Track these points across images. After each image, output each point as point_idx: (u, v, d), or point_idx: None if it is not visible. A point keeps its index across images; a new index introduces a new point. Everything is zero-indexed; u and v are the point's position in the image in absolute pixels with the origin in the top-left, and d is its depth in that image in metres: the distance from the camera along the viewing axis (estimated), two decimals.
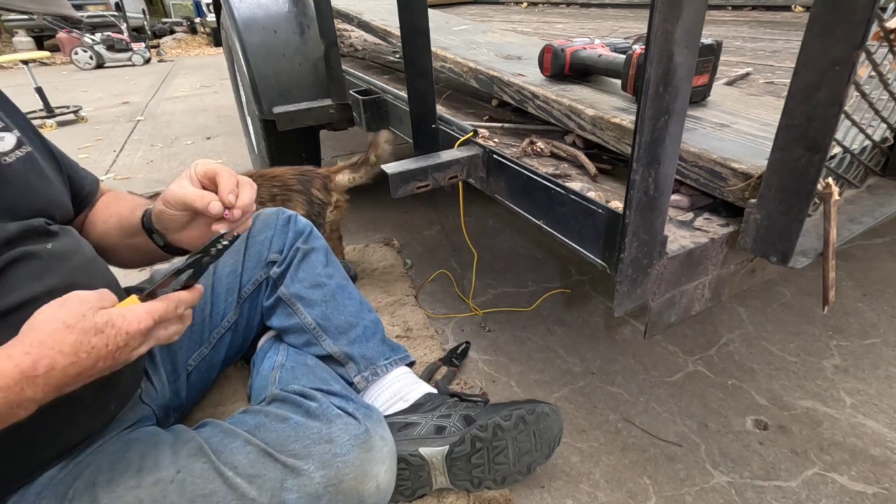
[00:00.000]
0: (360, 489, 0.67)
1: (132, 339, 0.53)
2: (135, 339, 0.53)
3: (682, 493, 0.90)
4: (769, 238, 0.57)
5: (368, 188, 1.47)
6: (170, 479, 0.61)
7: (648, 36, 0.44)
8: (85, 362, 0.50)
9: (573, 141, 0.89)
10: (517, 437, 0.83)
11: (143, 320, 0.53)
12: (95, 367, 0.51)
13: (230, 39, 1.71)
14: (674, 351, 1.22)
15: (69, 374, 0.49)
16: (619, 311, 0.59)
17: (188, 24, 10.38)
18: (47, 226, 0.66)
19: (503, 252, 1.70)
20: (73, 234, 0.71)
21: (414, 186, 0.85)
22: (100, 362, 0.51)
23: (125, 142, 3.30)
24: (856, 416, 1.03)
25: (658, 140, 0.50)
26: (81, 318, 0.50)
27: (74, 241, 0.70)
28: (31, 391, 0.48)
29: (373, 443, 0.69)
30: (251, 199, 0.66)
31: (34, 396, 0.48)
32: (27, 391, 0.48)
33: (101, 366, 0.51)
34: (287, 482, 0.63)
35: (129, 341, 0.52)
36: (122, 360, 0.53)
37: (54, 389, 0.49)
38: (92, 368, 0.51)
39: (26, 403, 0.48)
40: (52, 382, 0.49)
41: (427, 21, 0.84)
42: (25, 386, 0.47)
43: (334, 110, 1.60)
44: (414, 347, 1.24)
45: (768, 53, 1.25)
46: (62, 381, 0.49)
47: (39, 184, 0.68)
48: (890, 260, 1.52)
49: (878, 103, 0.61)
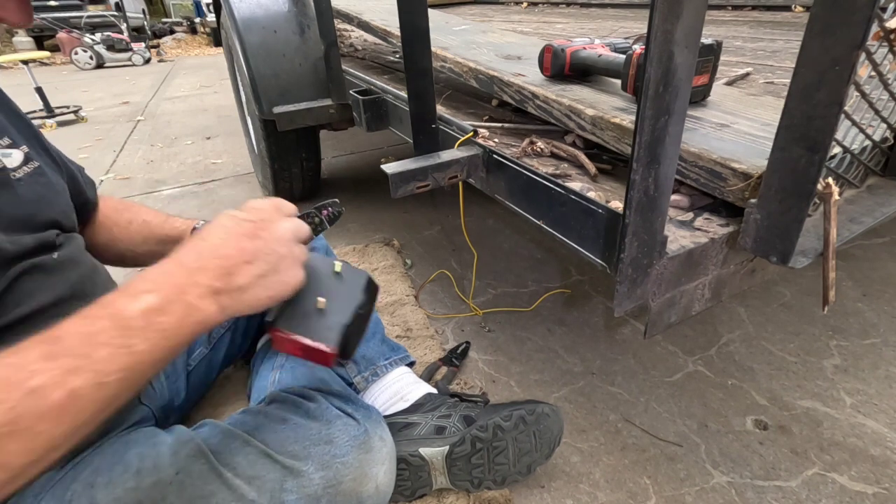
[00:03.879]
0: (360, 490, 0.67)
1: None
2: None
3: (682, 493, 0.90)
4: (769, 238, 0.57)
5: (368, 188, 1.47)
6: (169, 481, 0.61)
7: (648, 36, 0.44)
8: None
9: (573, 141, 0.89)
10: (517, 438, 0.83)
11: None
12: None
13: (230, 39, 1.71)
14: (674, 351, 1.22)
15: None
16: (619, 311, 0.59)
17: (188, 24, 10.38)
18: (55, 236, 0.67)
19: (503, 252, 1.70)
20: (76, 242, 0.73)
21: (414, 186, 0.85)
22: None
23: (125, 142, 3.29)
24: (856, 416, 1.03)
25: (658, 140, 0.50)
26: None
27: (77, 251, 0.71)
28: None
29: (372, 444, 0.69)
30: None
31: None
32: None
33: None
34: (286, 483, 0.63)
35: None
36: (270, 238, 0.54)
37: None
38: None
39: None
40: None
41: (427, 21, 0.84)
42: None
43: (334, 110, 1.60)
44: (414, 347, 1.24)
45: (768, 53, 1.25)
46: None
47: (50, 196, 0.69)
48: (890, 260, 1.52)
49: (878, 103, 0.61)
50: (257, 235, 0.53)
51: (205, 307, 0.48)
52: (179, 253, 0.50)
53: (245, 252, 0.51)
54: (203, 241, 0.51)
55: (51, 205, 0.69)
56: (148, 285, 0.48)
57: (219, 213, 0.55)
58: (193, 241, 0.52)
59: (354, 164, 2.63)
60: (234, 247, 0.51)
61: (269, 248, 0.52)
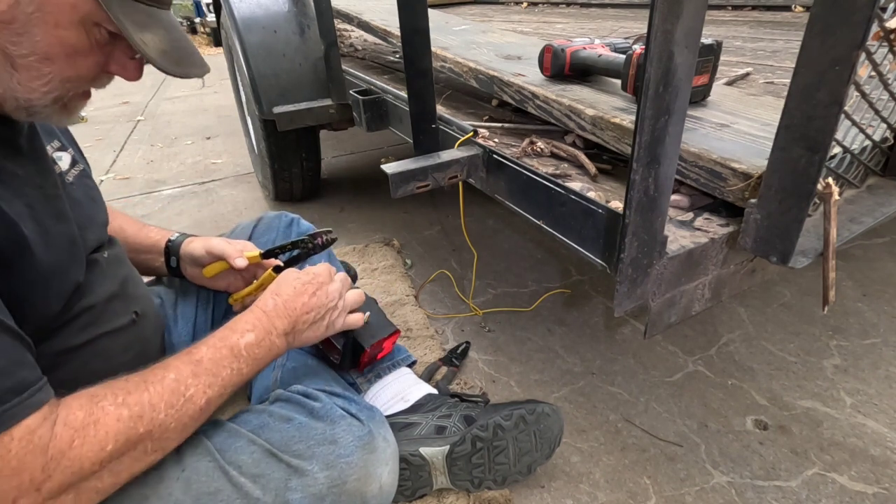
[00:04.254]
0: (364, 490, 0.67)
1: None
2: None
3: (682, 493, 0.90)
4: (769, 238, 0.57)
5: (368, 188, 1.47)
6: (175, 478, 0.61)
7: (648, 36, 0.44)
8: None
9: (573, 141, 0.89)
10: (518, 437, 0.83)
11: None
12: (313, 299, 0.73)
13: (230, 39, 1.71)
14: (674, 351, 1.22)
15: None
16: (619, 311, 0.59)
17: (188, 24, 10.37)
18: (105, 236, 0.75)
19: (503, 252, 1.70)
20: (117, 243, 0.78)
21: (414, 186, 0.85)
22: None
23: (125, 142, 3.29)
24: (856, 416, 1.03)
25: (658, 140, 0.50)
26: None
27: (120, 250, 0.78)
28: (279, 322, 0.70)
29: (376, 444, 0.69)
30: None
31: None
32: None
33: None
34: (291, 482, 0.64)
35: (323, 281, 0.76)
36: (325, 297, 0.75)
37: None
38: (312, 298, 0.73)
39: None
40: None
41: (427, 21, 0.84)
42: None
43: (334, 110, 1.60)
44: (414, 347, 1.24)
45: (768, 53, 1.25)
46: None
47: (96, 197, 0.75)
48: (890, 260, 1.52)
49: (878, 103, 0.61)
50: (315, 294, 0.74)
51: (280, 343, 0.69)
52: (266, 303, 0.71)
53: (306, 306, 0.72)
54: (278, 297, 0.72)
55: (98, 206, 0.74)
56: (248, 326, 0.67)
57: (287, 273, 0.76)
58: (272, 295, 0.72)
59: (354, 164, 2.63)
60: (300, 302, 0.72)
61: (321, 304, 0.74)
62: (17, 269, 0.53)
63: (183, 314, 0.93)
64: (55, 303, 0.60)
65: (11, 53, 0.49)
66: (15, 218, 0.53)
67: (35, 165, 0.61)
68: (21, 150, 0.59)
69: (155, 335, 0.81)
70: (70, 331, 0.64)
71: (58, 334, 0.62)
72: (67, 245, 0.61)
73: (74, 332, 0.64)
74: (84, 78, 0.55)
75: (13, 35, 0.48)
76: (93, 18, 0.51)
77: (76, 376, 0.62)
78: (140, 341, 0.75)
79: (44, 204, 0.59)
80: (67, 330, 0.63)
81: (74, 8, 0.49)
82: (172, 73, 0.55)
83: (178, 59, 0.56)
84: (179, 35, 0.58)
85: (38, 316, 0.58)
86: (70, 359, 0.64)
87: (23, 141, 0.59)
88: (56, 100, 0.54)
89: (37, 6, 0.48)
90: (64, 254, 0.60)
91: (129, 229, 0.91)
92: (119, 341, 0.71)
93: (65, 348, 0.63)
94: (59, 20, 0.49)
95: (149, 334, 0.78)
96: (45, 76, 0.52)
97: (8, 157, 0.56)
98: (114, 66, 0.57)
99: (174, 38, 0.56)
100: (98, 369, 0.65)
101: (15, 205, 0.54)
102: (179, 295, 0.96)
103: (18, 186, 0.56)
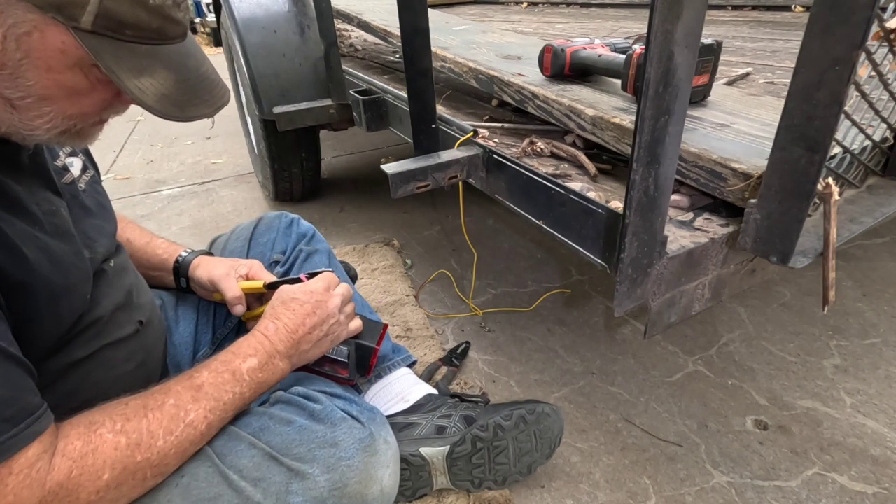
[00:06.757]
0: (365, 493, 0.66)
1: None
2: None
3: (682, 493, 0.90)
4: (769, 238, 0.57)
5: (368, 188, 1.47)
6: (174, 484, 0.61)
7: (648, 36, 0.44)
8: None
9: (573, 141, 0.89)
10: (518, 437, 0.83)
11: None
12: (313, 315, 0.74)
13: (230, 39, 1.71)
14: (674, 351, 1.22)
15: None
16: (619, 311, 0.59)
17: None
18: (113, 245, 0.73)
19: (503, 252, 1.70)
20: (123, 250, 0.77)
21: (414, 186, 0.85)
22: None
23: (125, 142, 3.29)
24: (856, 416, 1.03)
25: (658, 140, 0.50)
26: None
27: (125, 258, 0.77)
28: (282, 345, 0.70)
29: (377, 446, 0.69)
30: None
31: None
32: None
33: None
34: (292, 486, 0.63)
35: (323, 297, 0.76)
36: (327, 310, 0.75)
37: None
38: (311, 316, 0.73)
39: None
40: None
41: (427, 21, 0.84)
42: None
43: (334, 110, 1.60)
44: (414, 347, 1.24)
45: (768, 53, 1.25)
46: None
47: (105, 204, 0.74)
48: (890, 260, 1.52)
49: (878, 103, 0.61)
50: (314, 313, 0.74)
51: (283, 366, 0.70)
52: (267, 327, 0.71)
53: (306, 326, 0.72)
54: (278, 321, 0.72)
55: (108, 214, 0.73)
56: (251, 351, 0.67)
57: (283, 292, 0.76)
58: (272, 319, 0.72)
59: (354, 164, 2.63)
60: (299, 324, 0.72)
61: (321, 320, 0.74)
62: (22, 291, 0.52)
63: (184, 315, 0.93)
64: (67, 319, 0.59)
65: (9, 96, 0.48)
66: (16, 240, 0.52)
67: (36, 180, 0.59)
68: (22, 167, 0.57)
69: (158, 341, 0.80)
70: (75, 345, 0.62)
71: (63, 349, 0.61)
72: (73, 260, 0.60)
73: (80, 345, 0.63)
74: (89, 114, 0.53)
75: (6, 80, 0.46)
76: (87, 62, 0.48)
77: (78, 387, 0.62)
78: (144, 350, 0.74)
79: (45, 222, 0.57)
80: (73, 344, 0.62)
81: (64, 54, 0.47)
82: (173, 117, 0.51)
83: (183, 101, 0.52)
84: (190, 68, 0.53)
85: (47, 336, 0.57)
86: (73, 371, 0.63)
87: (24, 157, 0.58)
88: (63, 133, 0.52)
89: (24, 52, 0.45)
90: (70, 270, 0.59)
91: (137, 243, 0.90)
92: (123, 351, 0.69)
93: (69, 362, 0.62)
94: (50, 65, 0.47)
95: (152, 342, 0.77)
96: (47, 115, 0.50)
97: (9, 176, 0.54)
98: (124, 98, 0.53)
99: (181, 76, 0.52)
100: (101, 379, 0.65)
101: (16, 225, 0.52)
102: (180, 296, 0.95)
103: (19, 205, 0.54)
